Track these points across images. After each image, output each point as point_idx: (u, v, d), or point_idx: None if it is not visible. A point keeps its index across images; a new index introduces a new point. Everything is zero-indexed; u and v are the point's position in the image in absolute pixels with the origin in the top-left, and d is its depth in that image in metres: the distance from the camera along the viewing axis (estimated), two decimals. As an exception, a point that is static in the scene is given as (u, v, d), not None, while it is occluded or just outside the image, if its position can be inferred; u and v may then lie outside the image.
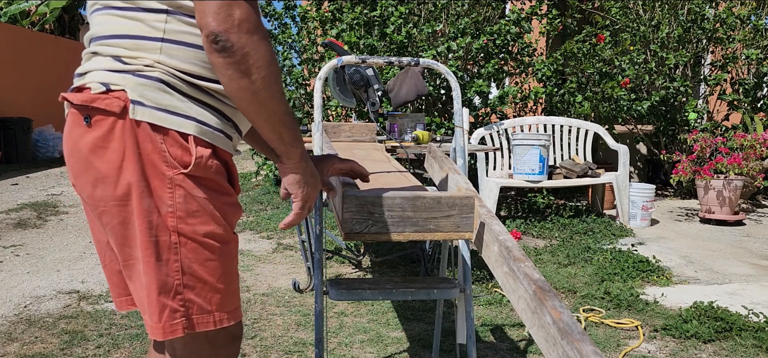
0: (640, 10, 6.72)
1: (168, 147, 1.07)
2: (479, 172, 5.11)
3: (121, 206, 1.08)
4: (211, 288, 1.13)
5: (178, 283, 1.10)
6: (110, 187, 1.07)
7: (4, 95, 9.70)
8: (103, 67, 1.08)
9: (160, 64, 1.07)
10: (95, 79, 1.08)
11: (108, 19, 1.09)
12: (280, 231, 4.83)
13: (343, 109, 5.95)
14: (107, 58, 1.09)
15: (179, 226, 1.09)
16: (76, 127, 1.09)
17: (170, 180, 1.07)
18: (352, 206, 1.42)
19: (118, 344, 2.63)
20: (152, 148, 1.06)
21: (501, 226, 1.41)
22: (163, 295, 1.09)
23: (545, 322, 1.03)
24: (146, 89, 1.06)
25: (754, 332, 2.73)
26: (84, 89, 1.08)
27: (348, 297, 1.89)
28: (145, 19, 1.06)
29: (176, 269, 1.10)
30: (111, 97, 1.05)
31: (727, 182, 5.29)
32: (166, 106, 1.06)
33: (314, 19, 6.00)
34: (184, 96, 1.08)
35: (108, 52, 1.09)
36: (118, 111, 1.05)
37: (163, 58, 1.07)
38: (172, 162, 1.07)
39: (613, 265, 3.77)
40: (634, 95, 6.23)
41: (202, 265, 1.11)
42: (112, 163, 1.06)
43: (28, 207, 5.71)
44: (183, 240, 1.09)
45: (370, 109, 3.29)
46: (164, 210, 1.08)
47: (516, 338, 2.74)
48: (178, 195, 1.08)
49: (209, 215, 1.11)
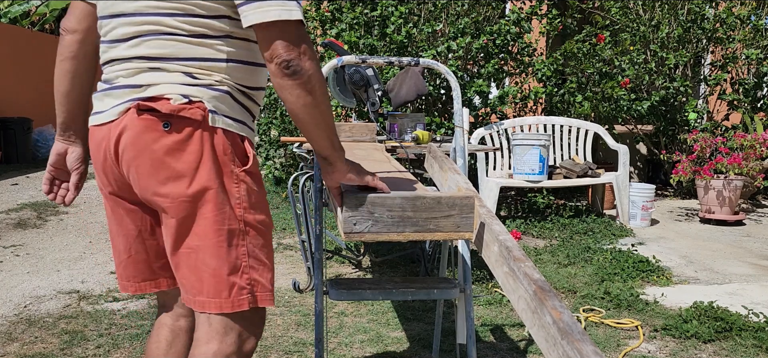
0: (640, 10, 6.72)
1: (234, 149, 1.28)
2: (479, 172, 5.11)
3: (190, 202, 1.25)
4: (267, 269, 1.34)
5: (245, 264, 1.30)
6: (184, 185, 1.24)
7: (4, 95, 9.70)
8: (176, 81, 1.25)
9: (227, 79, 1.29)
10: (173, 91, 1.24)
11: (171, 43, 1.26)
12: (280, 231, 4.84)
13: (343, 109, 5.95)
14: (178, 74, 1.26)
15: (245, 216, 1.29)
16: (151, 132, 1.23)
17: (237, 177, 1.28)
18: (352, 206, 1.42)
19: (118, 344, 2.63)
20: (223, 151, 1.26)
21: (501, 226, 1.41)
22: (233, 275, 1.28)
23: (545, 322, 1.03)
24: (219, 101, 1.27)
25: (754, 332, 2.73)
26: (160, 99, 1.23)
27: (348, 297, 1.89)
28: (213, 44, 1.27)
29: (244, 252, 1.30)
30: (194, 108, 1.23)
31: (727, 182, 5.29)
32: (232, 115, 1.29)
33: (314, 18, 6.00)
34: (241, 105, 1.32)
35: (177, 70, 1.26)
36: (200, 119, 1.23)
37: (228, 75, 1.29)
38: (237, 162, 1.28)
39: (613, 265, 3.77)
40: (634, 95, 6.23)
41: (260, 249, 1.32)
42: (189, 164, 1.23)
43: (28, 207, 5.71)
44: (247, 228, 1.30)
45: (370, 109, 3.29)
46: (233, 202, 1.28)
47: (516, 338, 2.74)
48: (242, 189, 1.29)
49: (262, 205, 1.33)
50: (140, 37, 1.26)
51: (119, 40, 1.29)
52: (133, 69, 1.27)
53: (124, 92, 1.27)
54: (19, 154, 9.10)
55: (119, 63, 1.29)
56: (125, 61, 1.28)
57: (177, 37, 1.25)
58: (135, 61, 1.27)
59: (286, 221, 5.12)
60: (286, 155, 6.99)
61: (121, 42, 1.28)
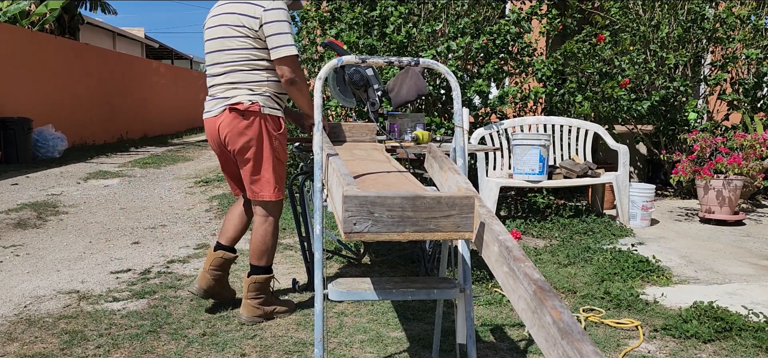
0: (640, 10, 6.72)
1: (274, 124, 2.79)
2: (479, 172, 5.11)
3: (257, 147, 2.77)
4: (282, 182, 2.87)
5: (278, 177, 2.83)
6: (254, 140, 2.75)
7: (4, 95, 9.70)
8: (245, 92, 2.74)
9: (268, 89, 2.78)
10: (244, 97, 2.73)
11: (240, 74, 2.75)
12: (280, 231, 4.84)
13: (343, 109, 5.95)
14: (245, 89, 2.75)
15: (278, 155, 2.82)
16: (237, 118, 2.73)
17: (276, 137, 2.80)
18: (352, 206, 1.42)
19: (118, 344, 2.63)
20: (271, 126, 2.77)
21: (501, 226, 1.41)
22: (277, 182, 2.83)
23: (545, 322, 1.03)
24: (266, 100, 2.76)
25: (754, 332, 2.73)
26: (238, 103, 2.72)
27: (348, 297, 1.89)
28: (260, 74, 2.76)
29: (279, 171, 2.83)
30: (256, 106, 2.73)
31: (727, 181, 5.30)
32: (273, 107, 2.79)
33: (313, 19, 6.00)
34: (275, 102, 2.80)
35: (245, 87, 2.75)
36: (258, 110, 2.73)
37: (269, 87, 2.78)
38: (276, 129, 2.80)
39: (613, 265, 3.77)
40: (634, 95, 6.23)
41: (282, 171, 2.87)
42: (255, 131, 2.74)
43: (28, 207, 5.71)
44: (279, 161, 2.83)
45: (370, 109, 3.29)
46: (275, 146, 2.80)
47: (516, 338, 2.74)
48: (277, 142, 2.81)
49: (284, 150, 2.86)
50: (226, 73, 2.77)
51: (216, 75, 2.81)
52: (222, 87, 2.78)
53: (221, 101, 2.78)
54: (19, 154, 9.09)
55: (217, 87, 2.80)
56: (220, 86, 2.79)
57: (243, 71, 2.75)
58: (225, 85, 2.77)
59: (286, 221, 5.12)
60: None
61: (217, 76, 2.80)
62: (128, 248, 4.38)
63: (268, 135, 2.75)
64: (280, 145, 2.82)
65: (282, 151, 2.83)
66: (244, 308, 2.90)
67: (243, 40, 2.71)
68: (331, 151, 2.05)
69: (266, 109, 2.73)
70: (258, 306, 2.89)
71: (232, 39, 2.72)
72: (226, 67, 2.74)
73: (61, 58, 11.58)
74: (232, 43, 2.72)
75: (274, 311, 2.94)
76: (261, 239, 2.88)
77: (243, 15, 2.70)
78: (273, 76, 2.76)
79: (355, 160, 2.30)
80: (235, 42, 2.71)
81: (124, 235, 4.80)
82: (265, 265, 2.92)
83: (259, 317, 2.89)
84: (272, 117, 2.76)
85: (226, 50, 2.73)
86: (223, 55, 2.74)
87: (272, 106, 2.76)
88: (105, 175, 8.16)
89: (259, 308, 2.90)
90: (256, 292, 2.89)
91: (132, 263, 3.96)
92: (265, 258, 2.91)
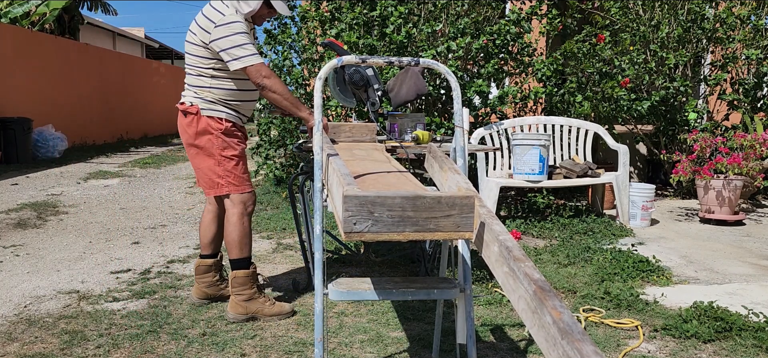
0: (640, 10, 6.72)
1: (215, 125, 2.90)
2: (479, 172, 5.11)
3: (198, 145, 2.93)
4: (237, 176, 2.96)
5: (229, 172, 2.93)
6: (193, 138, 2.93)
7: (4, 95, 9.70)
8: (191, 95, 2.93)
9: (212, 94, 2.91)
10: (188, 99, 2.93)
11: (189, 78, 2.94)
12: (280, 231, 4.84)
13: (343, 109, 5.95)
14: (191, 92, 2.94)
15: (222, 153, 2.92)
16: (181, 117, 2.95)
17: (216, 135, 2.91)
18: (352, 206, 1.42)
19: (118, 344, 2.63)
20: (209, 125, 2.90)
21: (501, 226, 1.41)
22: (227, 177, 2.93)
23: (545, 322, 1.03)
24: (206, 103, 2.92)
25: (754, 332, 2.73)
26: (182, 103, 2.94)
27: (348, 297, 1.89)
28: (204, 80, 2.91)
29: (227, 166, 2.93)
30: (194, 107, 2.91)
31: (727, 181, 5.29)
32: (216, 109, 2.92)
33: (314, 18, 6.00)
34: (220, 105, 2.93)
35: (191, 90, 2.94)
36: (196, 112, 2.90)
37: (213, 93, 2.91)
38: (217, 128, 2.91)
39: (613, 265, 3.77)
40: (634, 95, 6.23)
41: (231, 166, 2.94)
42: (194, 129, 2.91)
43: (28, 207, 5.71)
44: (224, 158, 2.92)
45: (370, 109, 3.29)
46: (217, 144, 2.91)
47: (516, 338, 2.74)
48: (220, 140, 2.92)
49: (231, 146, 2.94)
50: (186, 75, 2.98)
51: None
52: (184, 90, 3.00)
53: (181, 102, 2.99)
54: (19, 154, 9.09)
55: None
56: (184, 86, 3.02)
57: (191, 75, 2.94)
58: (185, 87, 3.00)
59: (286, 221, 5.12)
60: (286, 155, 6.99)
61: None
62: (128, 248, 4.38)
63: (208, 134, 2.89)
64: (225, 143, 2.91)
65: (229, 148, 2.92)
66: (229, 306, 2.95)
67: (196, 47, 2.89)
68: (331, 151, 2.05)
69: (207, 111, 2.89)
70: (241, 303, 2.91)
71: (190, 45, 2.92)
72: (186, 72, 3.00)
73: (62, 58, 11.58)
74: (190, 49, 2.93)
75: (260, 311, 2.92)
76: (228, 232, 2.96)
77: (199, 27, 2.86)
78: (219, 84, 2.89)
79: (356, 160, 2.30)
80: (191, 48, 2.92)
81: (124, 235, 4.80)
82: (237, 258, 2.94)
83: (243, 315, 2.90)
84: (211, 118, 2.89)
85: (187, 54, 2.97)
86: (186, 59, 3.00)
87: (215, 109, 2.90)
88: (105, 175, 8.16)
89: (243, 305, 2.91)
90: (238, 288, 2.92)
91: (132, 263, 3.96)
92: (234, 250, 2.94)
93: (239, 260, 2.95)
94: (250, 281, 2.94)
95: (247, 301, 2.92)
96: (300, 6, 6.30)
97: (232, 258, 2.95)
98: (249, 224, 2.99)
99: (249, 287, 2.93)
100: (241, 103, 2.99)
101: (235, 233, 2.93)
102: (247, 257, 2.97)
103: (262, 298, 2.97)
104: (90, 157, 10.19)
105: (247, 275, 2.93)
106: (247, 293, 2.92)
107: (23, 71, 10.30)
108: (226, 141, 2.93)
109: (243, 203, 2.96)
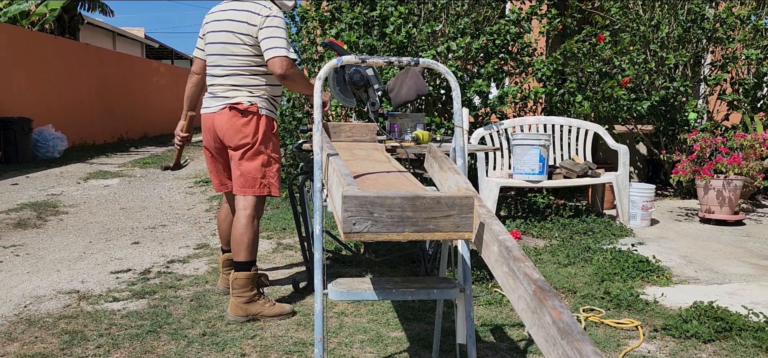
0: (640, 10, 6.72)
1: (269, 125, 2.98)
2: (479, 172, 5.11)
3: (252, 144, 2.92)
4: (278, 179, 3.05)
5: (268, 174, 2.99)
6: (250, 137, 2.91)
7: (4, 95, 9.70)
8: (245, 94, 2.92)
9: (266, 93, 2.97)
10: (244, 99, 2.91)
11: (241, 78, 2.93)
12: (280, 231, 4.84)
13: (343, 109, 5.95)
14: (245, 91, 2.93)
15: (272, 153, 3.00)
16: (236, 116, 2.91)
17: (270, 137, 2.99)
18: (351, 206, 1.42)
19: (118, 344, 2.63)
20: (266, 126, 2.96)
21: (501, 226, 1.41)
22: (264, 179, 2.97)
23: (545, 322, 1.03)
24: (263, 102, 2.96)
25: (754, 332, 2.73)
26: (238, 103, 2.91)
27: (348, 297, 1.89)
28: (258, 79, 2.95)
29: (269, 169, 2.99)
30: (254, 107, 2.92)
31: (727, 181, 5.29)
32: (269, 109, 2.99)
33: (313, 18, 5.99)
34: (272, 104, 3.02)
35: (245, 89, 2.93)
36: (256, 111, 2.92)
37: (266, 90, 2.97)
38: (271, 130, 2.99)
39: (613, 265, 3.77)
40: (634, 95, 6.23)
41: (277, 169, 3.03)
42: (252, 129, 2.92)
43: (28, 207, 5.71)
44: (272, 159, 3.00)
45: (370, 109, 3.29)
46: (268, 145, 2.98)
47: (516, 338, 2.74)
48: (271, 143, 3.00)
49: (277, 150, 3.04)
50: (228, 76, 2.94)
51: (217, 75, 2.97)
52: (222, 88, 2.95)
53: (221, 100, 2.95)
54: (19, 154, 9.09)
55: (218, 86, 2.97)
56: (220, 86, 2.95)
57: (243, 75, 2.93)
58: (226, 86, 2.94)
59: (286, 221, 5.12)
60: (286, 155, 6.98)
61: (218, 77, 2.96)
62: (128, 248, 4.38)
63: (264, 134, 2.93)
64: (274, 145, 3.00)
65: (275, 151, 3.01)
66: (229, 306, 2.94)
67: (244, 47, 2.90)
68: (331, 151, 2.05)
69: (263, 110, 2.93)
70: (241, 305, 2.91)
71: (234, 45, 2.91)
72: (227, 70, 2.93)
73: (61, 58, 11.58)
74: (235, 49, 2.91)
75: (260, 313, 2.92)
76: (239, 234, 2.94)
77: (244, 23, 2.87)
78: (270, 81, 2.96)
79: (355, 160, 2.30)
80: (237, 48, 2.91)
81: (124, 235, 4.80)
82: (244, 260, 2.94)
83: (242, 317, 2.90)
84: (268, 118, 2.96)
85: (228, 55, 2.93)
86: (226, 59, 2.93)
87: (268, 109, 2.97)
88: (105, 176, 8.16)
89: (242, 306, 2.91)
90: (239, 289, 2.91)
91: (132, 263, 3.97)
92: (243, 253, 2.94)
93: (245, 263, 2.95)
94: (251, 283, 2.93)
95: (248, 303, 2.92)
96: (300, 6, 6.30)
97: (237, 260, 2.94)
98: (258, 228, 3.01)
99: (250, 289, 2.92)
100: (278, 104, 3.12)
101: (246, 235, 2.94)
102: (252, 260, 2.97)
103: (262, 299, 2.97)
104: (90, 157, 10.20)
105: (249, 277, 2.93)
106: (248, 295, 2.92)
107: (23, 71, 10.30)
108: (276, 142, 3.02)
109: (258, 207, 2.99)
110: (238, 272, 2.93)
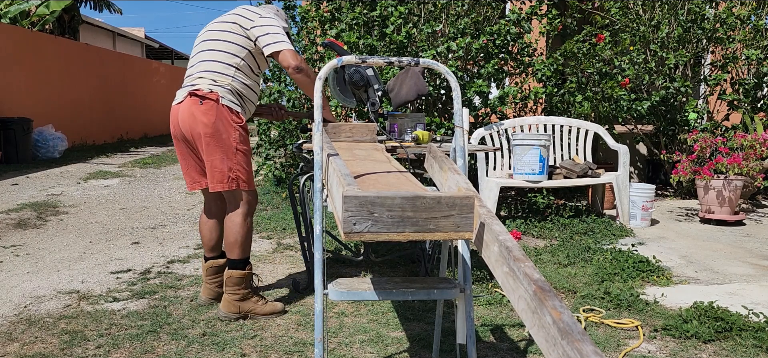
0: (640, 10, 6.72)
1: (231, 115, 2.82)
2: (479, 172, 5.11)
3: (213, 134, 2.80)
4: (247, 172, 2.91)
5: (239, 167, 2.86)
6: (210, 127, 2.79)
7: (4, 95, 9.70)
8: (207, 82, 2.83)
9: (231, 85, 2.85)
10: (204, 86, 2.81)
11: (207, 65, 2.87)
12: (280, 231, 4.84)
13: (343, 109, 5.95)
14: (208, 79, 2.84)
15: (239, 145, 2.85)
16: (195, 103, 2.80)
17: (235, 128, 2.83)
18: (351, 206, 1.42)
19: (118, 344, 2.63)
20: (228, 116, 2.81)
21: (501, 226, 1.41)
22: (238, 172, 2.85)
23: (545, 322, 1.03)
24: (226, 92, 2.83)
25: (754, 332, 2.73)
26: (198, 90, 2.81)
27: (348, 297, 1.89)
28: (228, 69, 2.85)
29: (239, 161, 2.86)
30: (214, 95, 2.79)
31: (727, 182, 5.29)
32: (233, 101, 2.84)
33: (314, 19, 5.99)
34: (238, 98, 2.88)
35: (208, 78, 2.84)
36: (216, 99, 2.79)
37: (232, 85, 2.85)
38: (235, 121, 2.84)
39: (613, 265, 3.77)
40: (634, 95, 6.23)
41: (245, 162, 2.89)
42: (210, 118, 2.78)
43: (28, 207, 5.71)
44: (239, 151, 2.85)
45: (370, 109, 3.29)
46: (233, 136, 2.83)
47: (516, 338, 2.74)
48: (236, 134, 2.83)
49: (245, 142, 2.89)
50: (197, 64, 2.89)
51: (190, 66, 2.93)
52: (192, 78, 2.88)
53: (186, 89, 2.86)
54: (19, 154, 9.09)
55: (187, 78, 2.92)
56: (189, 77, 2.91)
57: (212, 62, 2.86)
58: (193, 75, 2.88)
59: (286, 221, 5.12)
60: (286, 155, 6.98)
61: (190, 67, 2.92)
62: (128, 248, 4.38)
63: (225, 124, 2.79)
64: (240, 137, 2.85)
65: (242, 143, 2.85)
66: (222, 303, 2.94)
67: (231, 34, 2.86)
68: (331, 151, 2.05)
69: (224, 100, 2.80)
70: (235, 302, 2.91)
71: (216, 41, 2.89)
72: (199, 60, 2.89)
73: (61, 59, 11.58)
74: (214, 44, 2.89)
75: (253, 310, 2.93)
76: (232, 232, 2.90)
77: (238, 15, 2.90)
78: (242, 78, 2.87)
79: (356, 160, 2.30)
80: (224, 34, 2.87)
81: (124, 235, 4.80)
82: (238, 258, 2.93)
83: (235, 314, 2.91)
84: (229, 108, 2.81)
85: (206, 50, 2.90)
86: (203, 54, 2.90)
87: (232, 100, 2.83)
88: (105, 176, 8.16)
89: (235, 304, 2.91)
90: (233, 286, 2.91)
91: (132, 263, 3.97)
92: (236, 251, 2.91)
93: (238, 261, 2.95)
94: (245, 281, 2.94)
95: (241, 300, 2.92)
96: (300, 6, 6.30)
97: (231, 257, 2.94)
98: (251, 225, 2.98)
99: (244, 286, 2.93)
100: (250, 104, 3.00)
101: (239, 233, 2.91)
102: (246, 257, 2.97)
103: (255, 297, 2.97)
104: (90, 158, 10.19)
105: (242, 276, 2.93)
106: (242, 293, 2.93)
107: (23, 71, 10.30)
108: (243, 135, 2.88)
109: (249, 203, 2.94)
110: (232, 269, 2.93)
